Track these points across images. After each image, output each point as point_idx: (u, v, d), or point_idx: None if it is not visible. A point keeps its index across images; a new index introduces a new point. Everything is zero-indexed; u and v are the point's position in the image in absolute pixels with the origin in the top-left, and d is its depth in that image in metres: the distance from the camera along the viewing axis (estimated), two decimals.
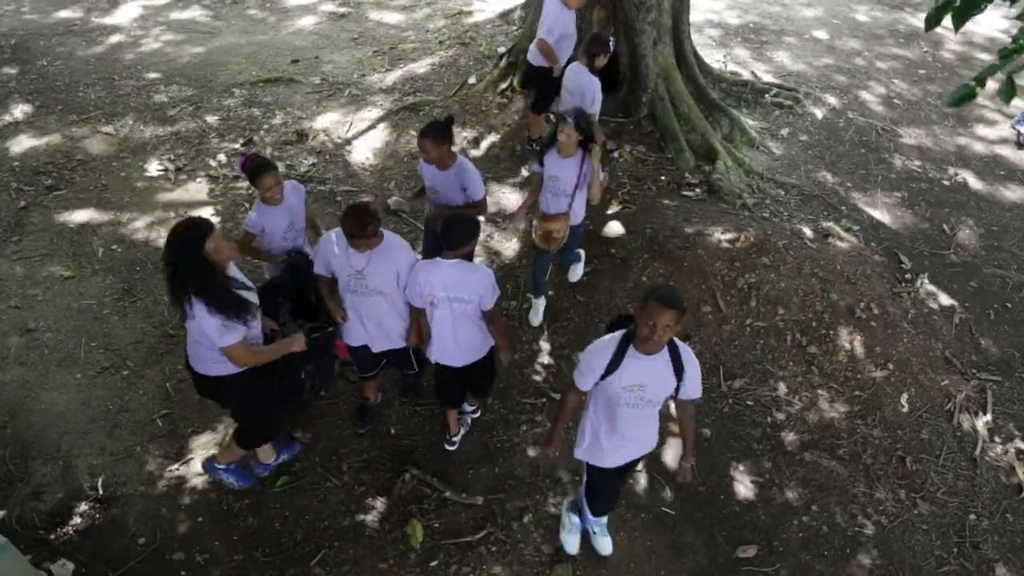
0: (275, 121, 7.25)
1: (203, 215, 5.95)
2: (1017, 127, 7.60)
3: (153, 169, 6.56)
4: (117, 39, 8.75)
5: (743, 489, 4.35)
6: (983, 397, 4.97)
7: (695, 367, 3.10)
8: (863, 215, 6.46)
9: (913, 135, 7.59)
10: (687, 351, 3.09)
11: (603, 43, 5.29)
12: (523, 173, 6.51)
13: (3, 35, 8.64)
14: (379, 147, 6.92)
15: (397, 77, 7.93)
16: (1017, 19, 2.79)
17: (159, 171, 6.54)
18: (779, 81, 8.17)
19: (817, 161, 7.06)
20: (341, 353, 4.21)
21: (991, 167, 7.26)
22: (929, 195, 6.81)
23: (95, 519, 4.00)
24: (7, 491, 4.08)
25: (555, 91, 5.98)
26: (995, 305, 5.70)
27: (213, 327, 3.21)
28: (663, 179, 6.42)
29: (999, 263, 6.11)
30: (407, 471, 4.25)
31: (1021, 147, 7.52)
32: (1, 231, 5.79)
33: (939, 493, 4.42)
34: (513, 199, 6.22)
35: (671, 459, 4.40)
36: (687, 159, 6.54)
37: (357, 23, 9.38)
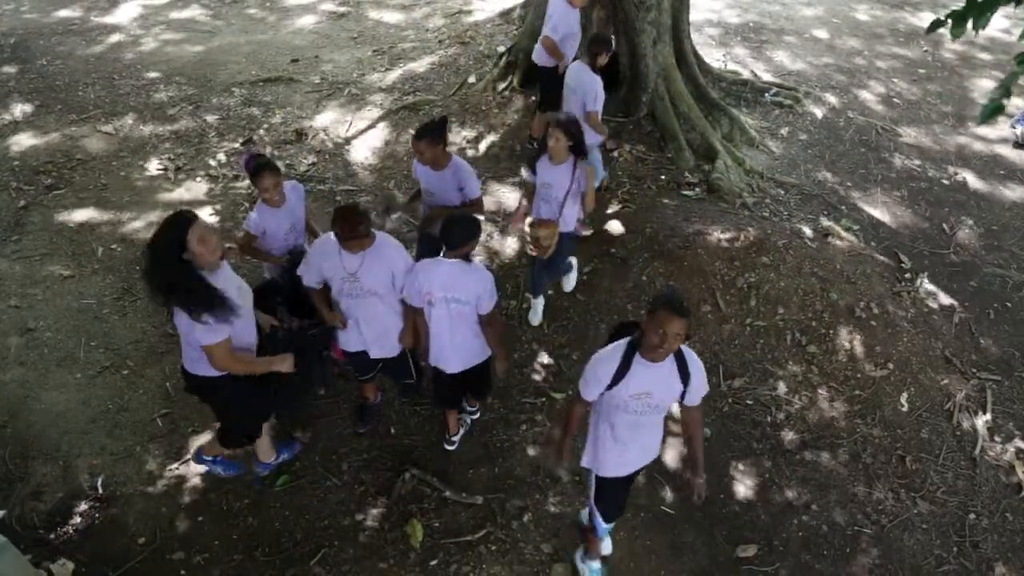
0: (275, 120, 7.25)
1: (203, 214, 5.97)
2: (1016, 127, 7.60)
3: (153, 168, 6.56)
4: (117, 38, 8.75)
5: (743, 488, 4.35)
6: (983, 396, 4.97)
7: (701, 373, 3.08)
8: (863, 214, 6.46)
9: (913, 134, 7.59)
10: (692, 356, 3.07)
11: (606, 42, 5.29)
12: (523, 173, 6.51)
13: (3, 34, 8.64)
14: (379, 146, 6.92)
15: (397, 76, 7.93)
16: None
17: (159, 170, 6.54)
18: (779, 80, 8.17)
19: (817, 160, 7.06)
20: (338, 355, 4.20)
21: (991, 166, 7.26)
22: (929, 194, 6.81)
23: (95, 519, 4.00)
24: (7, 491, 4.08)
25: (560, 91, 5.98)
26: (995, 304, 5.70)
27: (192, 325, 3.19)
28: (663, 178, 6.42)
29: (999, 262, 6.11)
30: (407, 471, 4.25)
31: (1019, 147, 7.52)
32: (1, 230, 5.79)
33: (939, 492, 4.42)
34: (513, 198, 6.22)
35: (671, 459, 4.41)
36: (687, 158, 6.54)
37: (357, 22, 9.38)
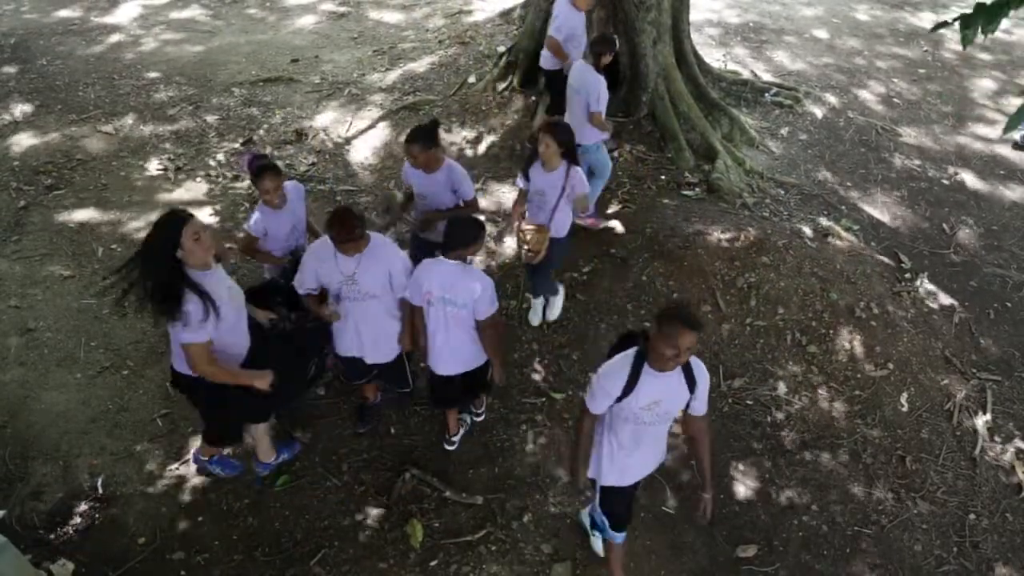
0: (275, 120, 7.25)
1: (203, 214, 5.97)
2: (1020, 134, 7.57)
3: (153, 168, 6.56)
4: (117, 38, 8.76)
5: (743, 489, 4.36)
6: (983, 396, 4.97)
7: (706, 380, 3.08)
8: (863, 214, 6.46)
9: (913, 134, 7.59)
10: (698, 363, 3.06)
11: (610, 42, 5.29)
12: (518, 181, 6.49)
13: (3, 34, 8.64)
14: (379, 146, 6.92)
15: (397, 76, 7.93)
16: None
17: (159, 170, 6.54)
18: (779, 80, 8.16)
19: (817, 160, 7.06)
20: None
21: (991, 166, 7.25)
22: (929, 194, 6.81)
23: (95, 519, 4.00)
24: (7, 491, 4.08)
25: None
26: (995, 304, 5.70)
27: (174, 323, 3.21)
28: (663, 178, 6.42)
29: (999, 262, 6.11)
30: (407, 471, 4.25)
31: (1018, 147, 7.51)
32: (1, 231, 5.79)
33: (939, 492, 4.42)
34: (512, 198, 6.21)
35: (671, 460, 4.40)
36: (687, 158, 6.54)
37: (357, 22, 9.38)
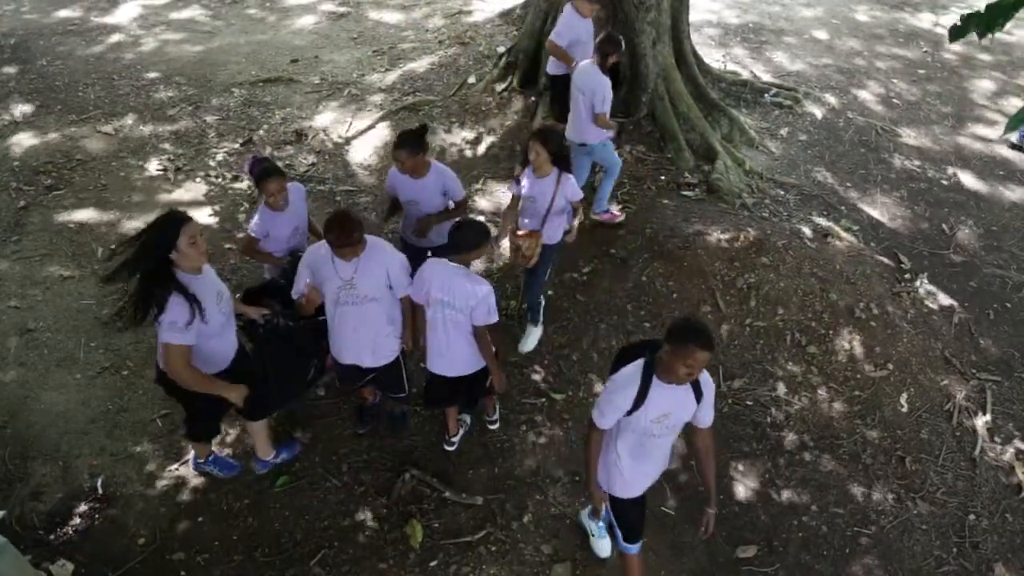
0: (274, 121, 7.25)
1: (202, 214, 5.97)
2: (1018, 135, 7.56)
3: (153, 169, 6.56)
4: (116, 39, 8.75)
5: (743, 489, 4.36)
6: (982, 397, 4.97)
7: (712, 389, 3.08)
8: (862, 215, 6.46)
9: (912, 135, 7.59)
10: (704, 373, 3.03)
11: (617, 43, 5.28)
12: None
13: (3, 35, 8.64)
14: (378, 147, 6.92)
15: (396, 77, 7.93)
16: None
17: (159, 171, 6.54)
18: (778, 81, 8.17)
19: (816, 161, 7.07)
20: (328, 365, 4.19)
21: (990, 167, 7.26)
22: (928, 195, 6.81)
23: (95, 519, 4.00)
24: (7, 491, 4.08)
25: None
26: (994, 305, 5.70)
27: (160, 321, 3.22)
28: (663, 179, 6.42)
29: (998, 263, 6.11)
30: (407, 471, 4.25)
31: (1015, 147, 7.51)
32: (1, 231, 5.79)
33: (938, 493, 4.42)
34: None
35: (672, 463, 4.40)
36: (686, 159, 6.54)
37: (356, 22, 9.38)
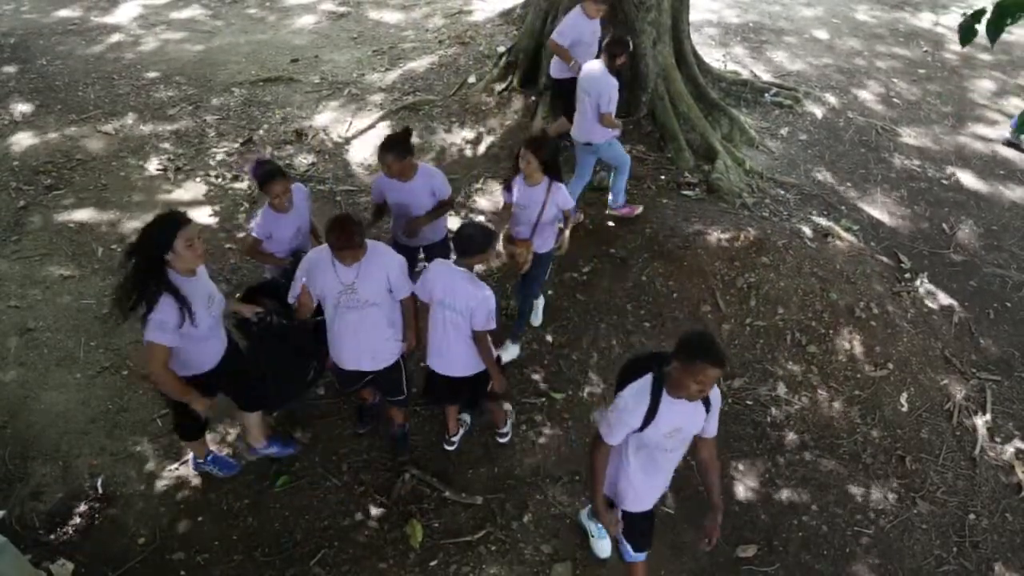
0: (274, 120, 7.25)
1: (202, 214, 5.97)
2: (1014, 126, 7.55)
3: (153, 168, 6.56)
4: (117, 38, 8.75)
5: (743, 489, 4.36)
6: (982, 396, 4.97)
7: (719, 400, 3.07)
8: (863, 214, 6.46)
9: (913, 134, 7.59)
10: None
11: (625, 44, 5.28)
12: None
13: (3, 34, 8.64)
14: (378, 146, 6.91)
15: (396, 76, 7.93)
16: None
17: (159, 170, 6.54)
18: (779, 80, 8.16)
19: (817, 160, 7.06)
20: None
21: (991, 166, 7.25)
22: (929, 194, 6.81)
23: (95, 519, 4.00)
24: (7, 491, 4.08)
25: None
26: (995, 304, 5.70)
27: (150, 319, 3.22)
28: (663, 179, 6.42)
29: (999, 262, 6.11)
30: (407, 471, 4.25)
31: (1010, 145, 7.50)
32: (1, 231, 5.79)
33: (939, 492, 4.42)
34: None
35: None
36: (687, 158, 6.54)
37: (357, 22, 9.38)
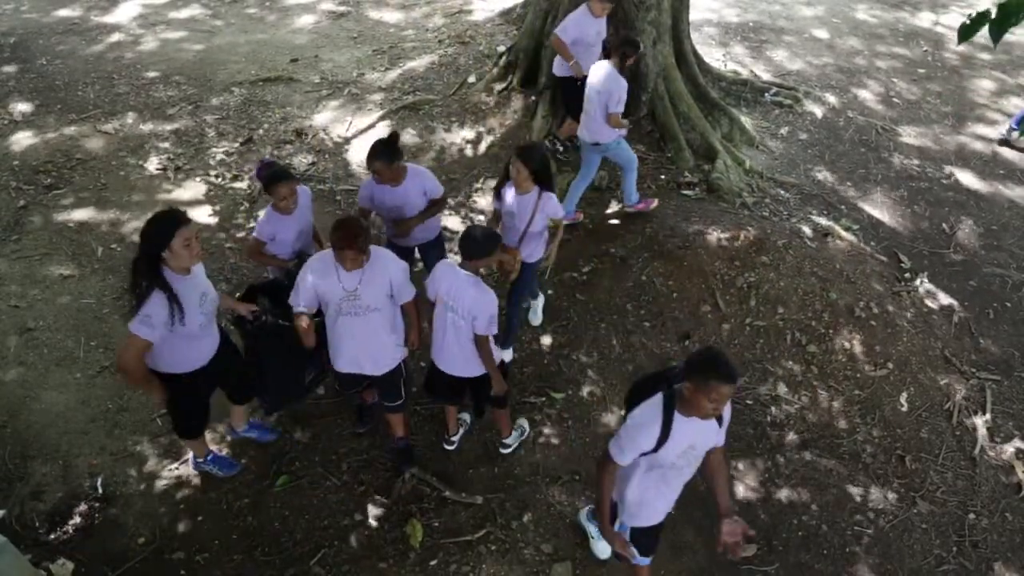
0: (274, 120, 7.25)
1: (202, 214, 5.97)
2: (1014, 126, 7.54)
3: (152, 168, 6.56)
4: (116, 38, 8.75)
5: (742, 488, 4.36)
6: (982, 396, 4.97)
7: (730, 414, 3.06)
8: (863, 214, 6.46)
9: (913, 134, 7.59)
10: None
11: (637, 45, 5.30)
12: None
13: (2, 34, 8.63)
14: None
15: (396, 76, 7.93)
16: None
17: (158, 170, 6.54)
18: (779, 80, 8.17)
19: (817, 160, 7.06)
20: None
21: (990, 166, 7.26)
22: (929, 194, 6.81)
23: (95, 518, 4.00)
24: (7, 491, 4.08)
25: (580, 98, 5.96)
26: (994, 304, 5.70)
27: (138, 312, 3.25)
28: (663, 178, 6.42)
29: (998, 262, 6.11)
30: (407, 470, 4.25)
31: (1005, 143, 7.49)
32: (1, 230, 5.79)
33: (938, 492, 4.42)
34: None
35: None
36: (687, 158, 6.54)
37: (356, 22, 9.38)
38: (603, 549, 3.89)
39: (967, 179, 7.05)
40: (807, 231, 5.88)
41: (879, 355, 5.05)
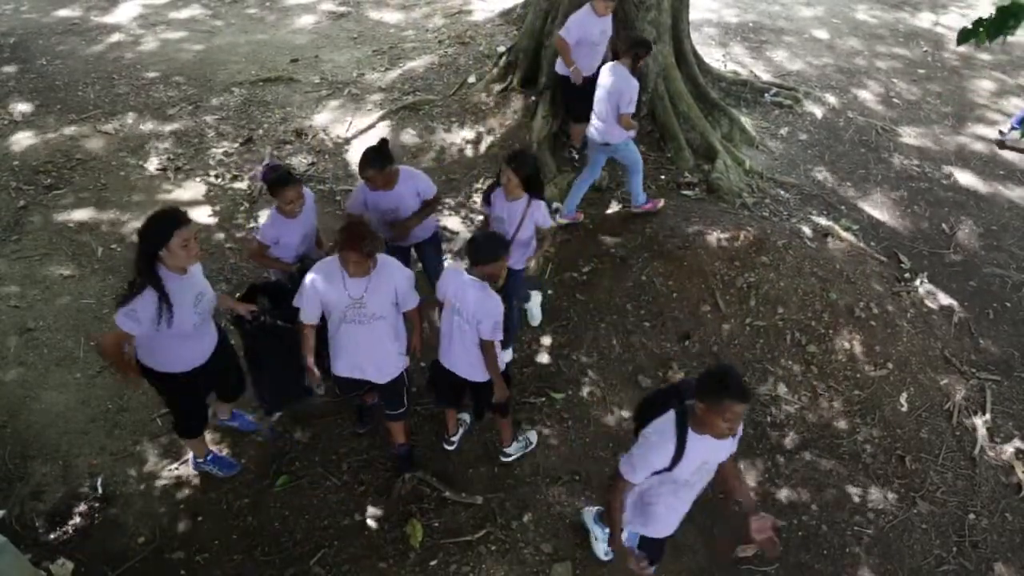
0: (274, 120, 7.25)
1: (202, 214, 5.97)
2: (1014, 126, 7.53)
3: (152, 168, 6.55)
4: (116, 38, 8.75)
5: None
6: (982, 396, 4.97)
7: (741, 426, 3.03)
8: (862, 214, 6.46)
9: (913, 134, 7.59)
10: None
11: (649, 45, 5.31)
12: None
13: (2, 34, 8.63)
14: None
15: (396, 76, 7.93)
16: None
17: (158, 170, 6.54)
18: (778, 80, 8.16)
19: (816, 160, 7.07)
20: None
21: (990, 166, 7.26)
22: (928, 194, 6.81)
23: (94, 518, 4.00)
24: (7, 491, 4.08)
25: (582, 99, 5.95)
26: (994, 304, 5.70)
27: (124, 304, 3.26)
28: (662, 178, 6.42)
29: (998, 262, 6.12)
30: (407, 473, 4.25)
31: (1002, 146, 7.48)
32: (0, 230, 5.79)
33: (938, 492, 4.42)
34: None
35: None
36: (687, 158, 6.54)
37: (356, 22, 9.38)
38: (606, 550, 3.88)
39: (967, 179, 7.05)
40: (807, 231, 5.88)
41: (879, 355, 5.05)
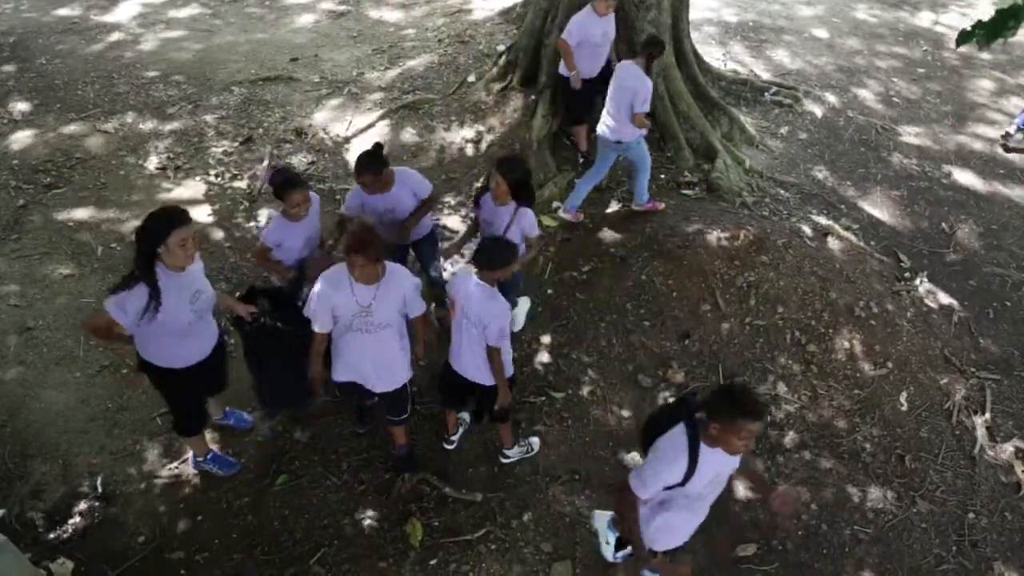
0: (274, 119, 7.25)
1: (202, 213, 5.97)
2: (1014, 126, 7.53)
3: (152, 167, 6.55)
4: (116, 37, 8.74)
5: (743, 488, 4.35)
6: (982, 396, 4.97)
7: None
8: (862, 214, 6.46)
9: (913, 134, 7.59)
10: None
11: (662, 45, 5.31)
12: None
13: (2, 33, 8.62)
14: None
15: (396, 75, 7.92)
16: None
17: (158, 169, 6.53)
18: (778, 79, 8.17)
19: (816, 159, 7.07)
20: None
21: (990, 166, 7.26)
22: (928, 194, 6.81)
23: (94, 517, 4.00)
24: (7, 490, 4.08)
25: (582, 100, 5.91)
26: (994, 304, 5.71)
27: (114, 293, 3.27)
28: (662, 178, 6.42)
29: (998, 262, 6.12)
30: (408, 475, 4.24)
31: (1008, 150, 7.48)
32: (0, 229, 5.78)
33: (938, 491, 4.42)
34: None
35: None
36: (686, 158, 6.54)
37: (356, 21, 9.37)
38: (611, 552, 3.87)
39: (967, 179, 7.06)
40: (807, 230, 5.88)
41: (879, 354, 5.05)
